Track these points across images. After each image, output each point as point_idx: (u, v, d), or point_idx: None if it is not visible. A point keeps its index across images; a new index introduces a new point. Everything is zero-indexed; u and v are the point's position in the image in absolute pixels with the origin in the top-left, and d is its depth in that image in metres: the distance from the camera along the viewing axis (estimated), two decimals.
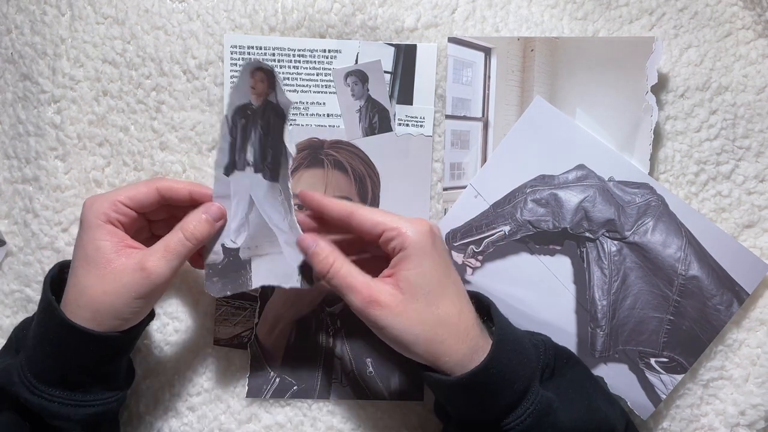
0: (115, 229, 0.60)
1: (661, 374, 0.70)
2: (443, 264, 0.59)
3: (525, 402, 0.58)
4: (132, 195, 0.61)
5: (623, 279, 0.70)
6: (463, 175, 0.72)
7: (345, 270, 0.59)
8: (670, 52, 0.72)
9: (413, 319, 0.57)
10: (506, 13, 0.72)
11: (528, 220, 0.70)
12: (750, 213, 0.72)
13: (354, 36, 0.72)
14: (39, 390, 0.58)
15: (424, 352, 0.57)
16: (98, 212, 0.59)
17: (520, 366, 0.59)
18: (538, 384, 0.60)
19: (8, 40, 0.72)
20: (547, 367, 0.63)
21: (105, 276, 0.58)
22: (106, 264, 0.58)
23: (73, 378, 0.59)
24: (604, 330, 0.70)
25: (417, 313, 0.57)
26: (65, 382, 0.59)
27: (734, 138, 0.72)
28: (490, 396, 0.58)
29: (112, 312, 0.58)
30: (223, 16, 0.71)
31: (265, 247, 0.64)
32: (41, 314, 0.60)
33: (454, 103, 0.72)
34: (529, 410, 0.58)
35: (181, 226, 0.61)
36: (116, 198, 0.60)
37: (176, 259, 0.59)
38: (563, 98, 0.71)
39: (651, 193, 0.69)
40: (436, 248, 0.59)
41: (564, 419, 0.59)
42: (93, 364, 0.59)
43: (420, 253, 0.58)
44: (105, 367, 0.61)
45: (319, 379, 0.72)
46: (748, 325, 0.72)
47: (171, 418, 0.72)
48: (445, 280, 0.59)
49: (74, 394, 0.59)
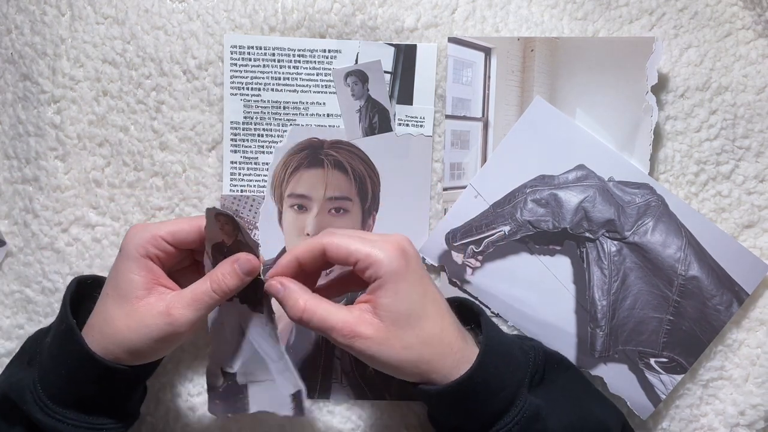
0: (151, 265, 0.60)
1: (661, 374, 0.70)
2: (419, 283, 0.59)
3: (512, 410, 0.59)
4: (174, 231, 0.60)
5: (623, 279, 0.70)
6: (463, 175, 0.72)
7: (320, 311, 0.58)
8: (670, 52, 0.72)
9: (397, 346, 0.57)
10: (506, 13, 0.73)
11: (528, 220, 0.71)
12: (750, 213, 0.72)
13: (354, 36, 0.72)
14: (53, 411, 0.58)
15: (412, 374, 0.58)
16: (138, 244, 0.59)
17: (507, 374, 0.60)
18: (526, 391, 0.60)
19: (8, 40, 0.72)
20: (537, 373, 0.63)
21: (130, 313, 0.58)
22: (135, 301, 0.59)
23: (88, 402, 0.60)
24: (603, 330, 0.70)
25: (399, 339, 0.57)
26: (79, 406, 0.59)
27: (734, 138, 0.72)
28: (475, 405, 0.59)
29: (130, 347, 0.58)
30: (223, 16, 0.71)
31: (259, 374, 0.65)
32: (60, 337, 0.60)
33: (454, 103, 0.72)
34: (516, 418, 0.59)
35: (210, 276, 0.60)
36: (158, 233, 0.60)
37: (202, 309, 0.59)
38: (563, 98, 0.71)
39: (651, 194, 0.70)
40: (411, 268, 0.58)
41: (553, 425, 0.60)
42: (109, 393, 0.60)
43: (395, 278, 0.57)
44: (120, 394, 0.62)
45: (319, 380, 0.72)
46: (748, 325, 0.73)
47: (172, 418, 0.73)
48: (423, 300, 0.59)
49: (88, 417, 0.60)
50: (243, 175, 0.72)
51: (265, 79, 0.71)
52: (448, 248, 0.72)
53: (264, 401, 0.66)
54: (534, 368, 0.63)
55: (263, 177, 0.72)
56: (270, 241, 0.72)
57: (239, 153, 0.72)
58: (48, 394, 0.59)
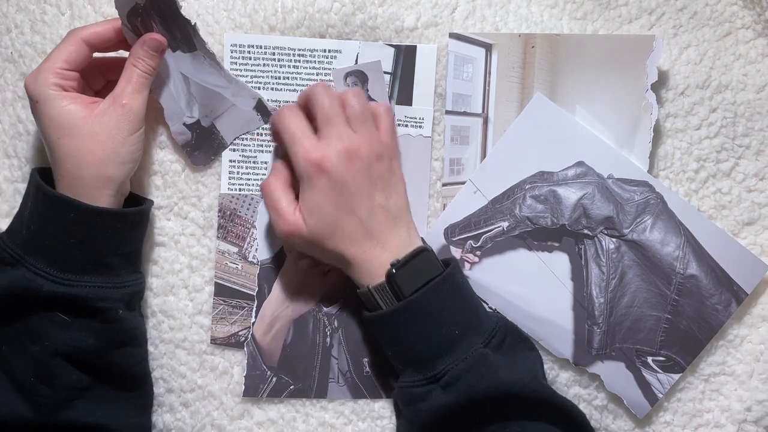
0: (73, 93, 0.65)
1: (658, 373, 0.71)
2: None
3: (458, 349, 0.62)
4: (66, 57, 0.64)
5: (621, 277, 0.71)
6: (463, 170, 0.73)
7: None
8: (669, 51, 0.74)
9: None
10: (506, 12, 0.74)
11: (526, 216, 0.72)
12: (750, 210, 0.74)
13: (354, 35, 0.73)
14: (76, 281, 0.63)
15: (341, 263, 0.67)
16: (49, 84, 0.63)
17: (459, 312, 0.64)
18: (480, 342, 0.63)
19: (8, 40, 0.73)
20: (496, 336, 0.65)
21: (92, 130, 0.63)
22: (87, 121, 0.63)
23: (104, 261, 0.64)
24: (601, 327, 0.71)
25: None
26: (98, 268, 0.64)
27: (734, 136, 0.74)
28: (419, 328, 0.63)
29: (117, 158, 0.64)
30: (223, 15, 0.72)
31: (218, 106, 0.72)
32: (50, 214, 0.63)
33: (454, 98, 0.73)
34: (463, 356, 0.62)
35: (131, 62, 0.66)
36: (55, 66, 0.64)
37: (144, 89, 0.66)
38: (563, 95, 0.73)
39: (650, 191, 0.71)
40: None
41: (505, 376, 0.62)
42: (117, 244, 0.65)
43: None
44: (127, 246, 0.66)
45: (316, 379, 0.73)
46: (750, 321, 0.74)
47: (165, 413, 0.73)
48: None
49: (108, 278, 0.64)
50: (242, 173, 0.73)
51: (264, 79, 0.73)
52: (447, 243, 0.73)
53: (236, 127, 0.72)
54: (494, 330, 0.65)
55: (262, 176, 0.73)
56: (269, 241, 0.73)
57: (238, 152, 0.73)
58: (62, 269, 0.63)
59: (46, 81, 0.63)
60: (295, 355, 0.73)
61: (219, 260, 0.73)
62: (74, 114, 0.63)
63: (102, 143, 0.63)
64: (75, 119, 0.63)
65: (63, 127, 0.63)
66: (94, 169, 0.63)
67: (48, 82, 0.63)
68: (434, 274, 0.64)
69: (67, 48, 0.65)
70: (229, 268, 0.73)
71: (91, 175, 0.63)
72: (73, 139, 0.63)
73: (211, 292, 0.74)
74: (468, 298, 0.66)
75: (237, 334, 0.73)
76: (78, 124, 0.63)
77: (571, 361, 0.72)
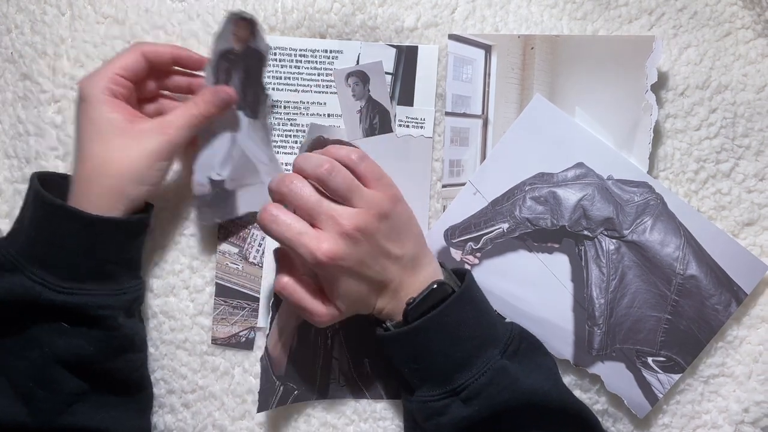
0: (121, 102, 0.65)
1: (659, 373, 0.71)
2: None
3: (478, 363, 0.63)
4: (124, 65, 0.65)
5: (621, 277, 0.71)
6: (463, 172, 0.74)
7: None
8: (669, 51, 0.74)
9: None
10: (506, 12, 0.74)
11: (526, 218, 0.72)
12: (750, 211, 0.74)
13: (354, 36, 0.73)
14: (76, 289, 0.62)
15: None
16: (103, 87, 0.64)
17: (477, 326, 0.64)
18: (497, 353, 0.63)
19: (8, 40, 0.74)
20: (511, 344, 0.65)
21: (126, 143, 0.63)
22: (123, 133, 0.63)
23: (104, 270, 0.64)
24: (601, 328, 0.71)
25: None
26: (97, 276, 0.64)
27: (734, 137, 0.74)
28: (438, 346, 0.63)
29: (139, 178, 0.64)
30: (222, 15, 0.71)
31: (249, 178, 0.71)
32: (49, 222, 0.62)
33: (454, 100, 0.73)
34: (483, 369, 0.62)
35: (195, 101, 0.67)
36: (113, 72, 0.65)
37: (193, 130, 0.66)
38: (563, 96, 0.73)
39: (650, 192, 0.71)
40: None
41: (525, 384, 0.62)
42: (117, 253, 0.65)
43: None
44: (127, 253, 0.66)
45: (318, 380, 0.73)
46: (749, 322, 0.74)
47: (166, 413, 0.74)
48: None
49: (107, 285, 0.64)
50: None
51: (265, 78, 0.72)
52: (447, 245, 0.73)
53: (254, 203, 0.72)
54: (509, 339, 0.65)
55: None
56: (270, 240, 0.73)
57: None
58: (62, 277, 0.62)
59: (98, 83, 0.64)
60: (299, 360, 0.74)
61: (220, 261, 0.74)
62: (114, 122, 0.63)
63: (130, 158, 0.63)
64: (112, 127, 0.63)
65: (99, 131, 0.63)
66: (114, 180, 0.63)
67: (100, 84, 0.64)
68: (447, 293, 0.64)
69: (127, 56, 0.66)
70: (230, 268, 0.74)
71: (108, 185, 0.63)
72: (104, 145, 0.63)
73: (211, 293, 0.74)
74: (484, 310, 0.66)
75: (238, 334, 0.74)
76: (114, 133, 0.63)
77: (571, 361, 0.72)
